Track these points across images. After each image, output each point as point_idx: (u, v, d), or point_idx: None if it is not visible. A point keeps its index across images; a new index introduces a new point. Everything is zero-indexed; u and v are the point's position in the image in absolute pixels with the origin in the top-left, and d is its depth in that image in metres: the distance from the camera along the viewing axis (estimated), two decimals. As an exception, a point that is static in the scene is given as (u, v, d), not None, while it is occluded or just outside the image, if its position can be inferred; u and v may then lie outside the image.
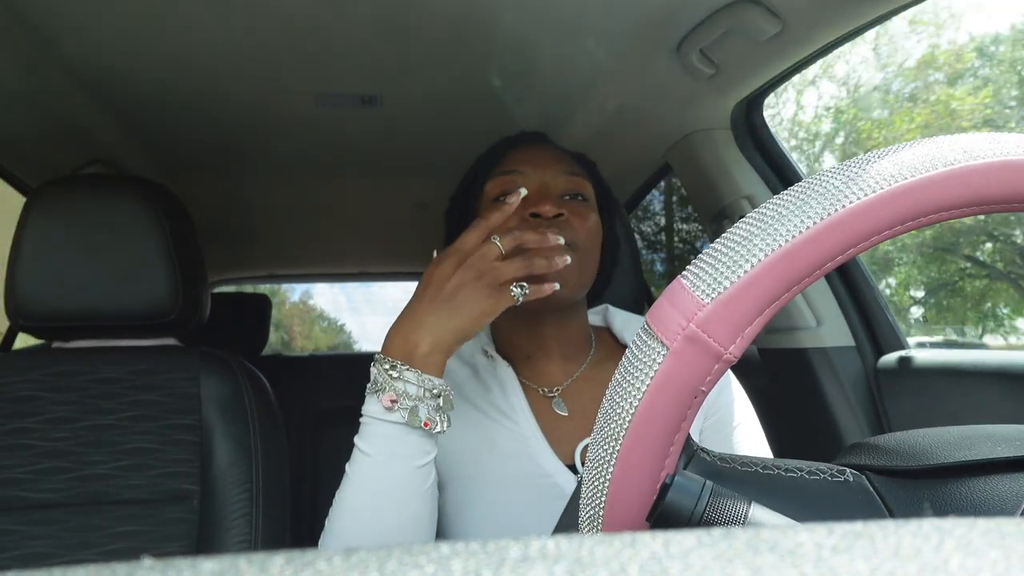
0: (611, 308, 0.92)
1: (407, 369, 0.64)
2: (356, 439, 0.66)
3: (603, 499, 0.32)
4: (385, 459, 0.64)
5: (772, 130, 1.29)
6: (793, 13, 0.91)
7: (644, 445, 0.30)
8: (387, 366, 0.64)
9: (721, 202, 1.32)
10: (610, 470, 0.31)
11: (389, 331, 0.67)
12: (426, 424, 0.63)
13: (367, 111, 1.30)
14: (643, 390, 0.29)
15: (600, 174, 0.90)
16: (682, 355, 0.28)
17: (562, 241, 0.69)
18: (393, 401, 0.63)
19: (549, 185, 0.80)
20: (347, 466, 0.67)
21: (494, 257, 0.65)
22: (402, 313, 0.67)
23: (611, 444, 0.31)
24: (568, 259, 0.68)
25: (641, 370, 0.30)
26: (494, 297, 0.64)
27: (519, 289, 0.66)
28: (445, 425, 0.65)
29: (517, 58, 1.12)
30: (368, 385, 0.66)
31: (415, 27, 1.01)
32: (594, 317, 0.92)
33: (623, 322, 0.89)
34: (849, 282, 1.26)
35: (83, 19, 0.96)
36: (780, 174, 1.28)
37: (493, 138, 0.91)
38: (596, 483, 0.32)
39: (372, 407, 0.65)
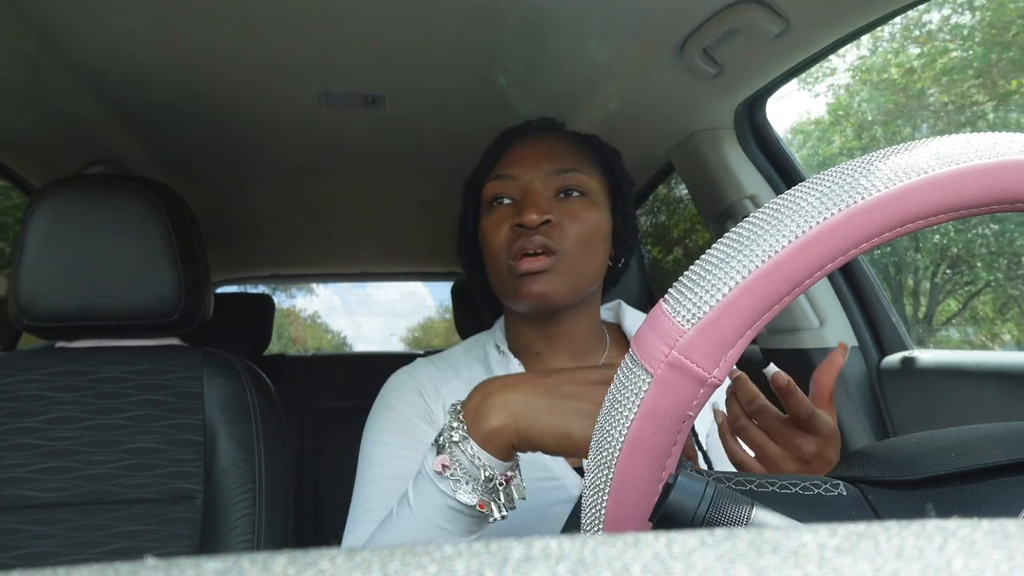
0: (624, 305, 0.91)
1: (466, 436, 0.54)
2: (410, 482, 0.59)
3: (601, 523, 0.32)
4: (425, 521, 0.56)
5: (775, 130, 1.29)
6: (797, 12, 0.91)
7: (635, 472, 0.30)
8: (455, 422, 0.55)
9: (725, 202, 1.31)
10: (605, 496, 0.31)
11: (485, 381, 0.57)
12: (480, 506, 0.54)
13: (371, 111, 1.30)
14: (631, 418, 0.30)
15: (615, 162, 0.85)
16: (666, 382, 0.29)
17: None
18: (445, 467, 0.54)
19: (536, 190, 0.77)
20: (398, 501, 0.60)
21: None
22: (508, 379, 0.57)
23: (604, 472, 0.31)
24: None
25: (628, 398, 0.30)
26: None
27: None
28: (499, 514, 0.54)
29: (521, 58, 1.12)
30: (439, 432, 0.58)
31: (419, 27, 1.01)
32: (607, 313, 0.91)
33: (632, 321, 0.88)
34: (852, 282, 1.26)
35: (88, 19, 0.96)
36: (783, 174, 1.28)
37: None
38: (594, 508, 0.32)
39: (428, 460, 0.56)
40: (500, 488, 0.55)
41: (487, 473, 0.54)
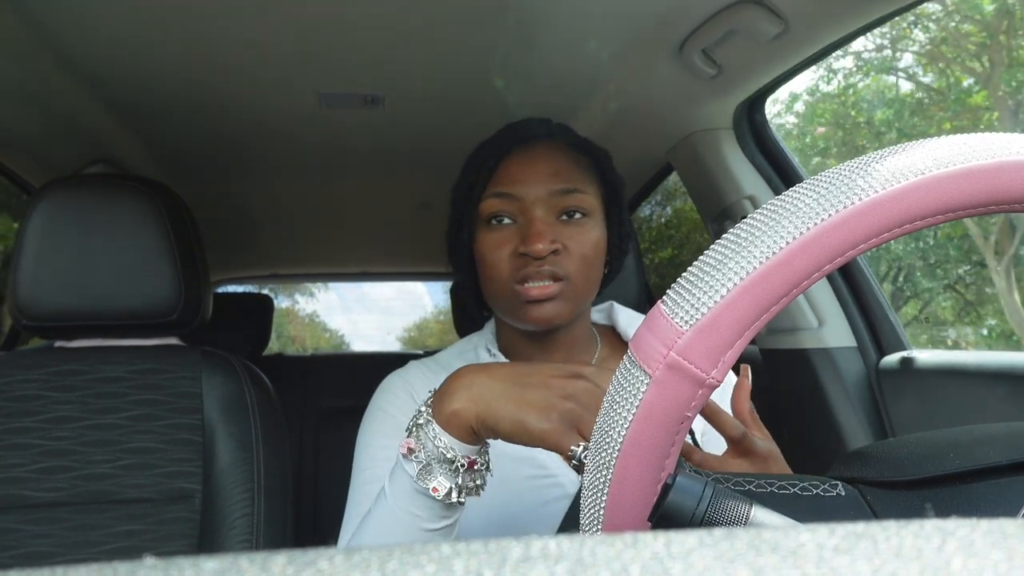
0: (616, 305, 0.91)
1: (430, 419, 0.56)
2: (388, 473, 0.60)
3: (599, 523, 0.32)
4: (398, 509, 0.57)
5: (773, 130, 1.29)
6: (795, 14, 0.91)
7: (634, 472, 0.30)
8: (423, 407, 0.57)
9: (724, 202, 1.31)
10: (604, 497, 0.32)
11: (463, 367, 0.59)
12: (434, 490, 0.54)
13: (370, 111, 1.30)
14: (629, 419, 0.30)
15: (608, 166, 0.83)
16: (665, 383, 0.29)
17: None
18: (411, 449, 0.55)
19: (539, 216, 0.74)
20: (378, 493, 0.61)
21: (597, 405, 0.52)
22: (483, 365, 0.58)
23: (603, 472, 0.31)
24: None
25: (627, 399, 0.30)
26: (554, 429, 0.52)
27: (579, 450, 0.51)
28: (456, 497, 0.55)
29: (520, 58, 1.12)
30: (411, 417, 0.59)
31: (418, 28, 1.01)
32: (598, 315, 0.91)
33: (627, 321, 0.88)
34: (851, 282, 1.26)
35: (88, 19, 0.96)
36: (782, 174, 1.28)
37: (495, 139, 0.90)
38: (593, 508, 0.32)
39: (401, 444, 0.58)
40: (462, 470, 0.55)
41: (449, 455, 0.54)
